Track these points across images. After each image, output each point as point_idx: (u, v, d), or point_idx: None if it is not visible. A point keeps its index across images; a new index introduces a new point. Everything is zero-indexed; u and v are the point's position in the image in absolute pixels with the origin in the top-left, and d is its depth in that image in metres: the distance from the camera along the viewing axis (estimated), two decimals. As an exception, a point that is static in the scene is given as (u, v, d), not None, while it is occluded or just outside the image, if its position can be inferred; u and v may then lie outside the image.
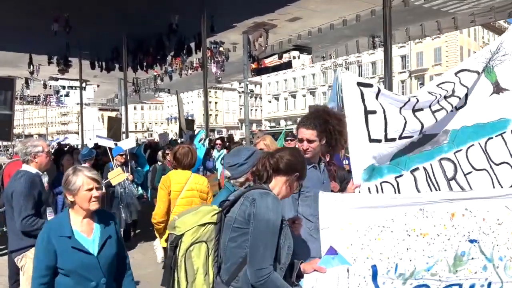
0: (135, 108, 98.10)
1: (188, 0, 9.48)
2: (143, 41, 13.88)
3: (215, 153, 8.28)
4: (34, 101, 29.41)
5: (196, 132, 9.40)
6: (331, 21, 12.46)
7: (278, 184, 2.35)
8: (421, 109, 2.67)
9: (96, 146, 11.57)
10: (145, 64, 15.75)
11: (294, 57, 17.01)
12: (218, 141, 8.50)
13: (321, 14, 12.10)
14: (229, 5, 10.36)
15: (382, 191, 2.63)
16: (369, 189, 2.63)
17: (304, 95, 66.93)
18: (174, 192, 4.24)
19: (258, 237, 2.11)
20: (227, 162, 2.86)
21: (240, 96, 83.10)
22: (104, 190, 5.65)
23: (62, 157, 6.84)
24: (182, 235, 2.29)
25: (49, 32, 10.90)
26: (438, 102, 2.67)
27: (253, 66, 18.13)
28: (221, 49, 15.63)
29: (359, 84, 2.78)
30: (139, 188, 8.05)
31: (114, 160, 7.19)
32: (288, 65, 17.97)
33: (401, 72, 52.60)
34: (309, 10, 11.78)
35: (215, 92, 75.63)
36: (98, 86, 24.45)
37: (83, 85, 19.75)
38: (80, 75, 16.95)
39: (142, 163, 8.77)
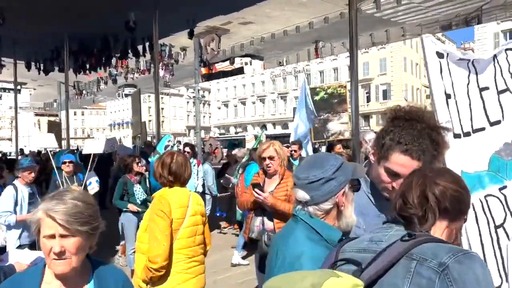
0: (75, 113, 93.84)
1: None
2: (86, 41, 13.18)
3: None
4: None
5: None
6: (284, 27, 12.53)
7: (438, 230, 1.35)
8: (487, 88, 2.14)
9: (38, 153, 10.75)
10: (88, 66, 15.03)
11: (246, 63, 16.98)
12: (187, 149, 7.51)
13: (275, 20, 12.14)
14: (181, 7, 10.09)
15: (489, 208, 2.03)
16: (472, 205, 1.95)
17: (253, 102, 67.36)
18: (176, 221, 2.92)
19: None
20: (302, 177, 1.66)
21: (187, 102, 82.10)
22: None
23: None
24: None
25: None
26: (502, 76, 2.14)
27: (204, 71, 17.87)
28: (171, 52, 15.23)
29: (437, 54, 2.19)
30: None
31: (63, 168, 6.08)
32: (240, 71, 17.89)
33: (348, 81, 54.30)
34: (263, 16, 11.78)
35: (162, 97, 74.17)
36: (34, 89, 23.03)
37: (18, 87, 18.46)
38: (14, 77, 15.81)
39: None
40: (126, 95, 21.68)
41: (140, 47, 13.33)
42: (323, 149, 8.18)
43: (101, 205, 10.43)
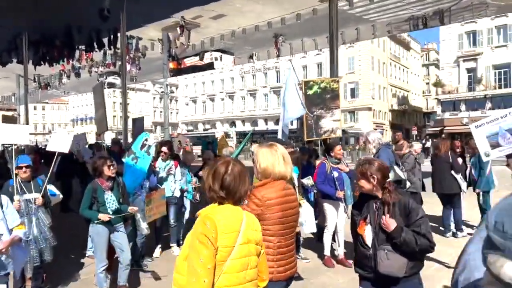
0: (35, 108, 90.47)
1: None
2: (48, 31, 12.59)
3: (158, 164, 6.73)
4: None
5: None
6: (256, 22, 12.40)
7: None
8: None
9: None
10: (48, 58, 14.38)
11: (216, 58, 16.75)
12: (164, 148, 6.83)
13: (246, 14, 11.99)
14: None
15: None
16: None
17: (222, 99, 66.98)
18: (223, 250, 2.23)
19: None
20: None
21: (154, 97, 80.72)
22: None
23: None
24: None
25: None
26: None
27: (172, 66, 17.51)
28: (138, 45, 14.80)
29: None
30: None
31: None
32: (209, 66, 17.64)
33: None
34: (235, 10, 11.62)
35: (127, 92, 72.57)
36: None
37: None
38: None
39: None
40: (110, 85, 20.58)
41: (105, 40, 12.88)
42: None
43: (63, 209, 9.91)
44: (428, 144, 31.74)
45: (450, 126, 42.29)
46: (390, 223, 2.76)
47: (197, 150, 27.50)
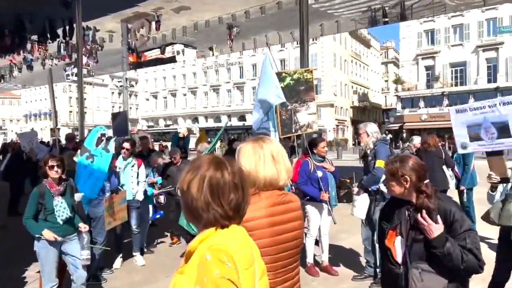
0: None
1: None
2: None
3: (118, 163, 5.97)
4: None
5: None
6: (220, 14, 12.20)
7: None
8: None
9: None
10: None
11: (178, 52, 16.38)
12: (126, 145, 6.11)
13: (209, 7, 11.76)
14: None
15: None
16: None
17: (184, 94, 66.06)
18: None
19: None
20: None
21: (112, 92, 78.52)
22: None
23: None
24: None
25: None
26: None
27: (132, 59, 17.01)
28: (95, 37, 14.24)
29: None
30: None
31: None
32: (171, 60, 17.25)
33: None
34: (197, 3, 11.35)
35: (84, 87, 70.23)
36: None
37: None
38: None
39: None
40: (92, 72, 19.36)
41: (59, 30, 12.29)
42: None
43: (11, 212, 9.30)
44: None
45: (409, 122, 43.67)
46: (433, 227, 2.24)
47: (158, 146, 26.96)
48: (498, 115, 3.50)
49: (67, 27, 12.11)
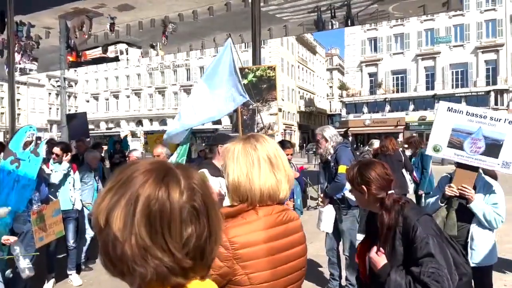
0: None
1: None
2: None
3: (52, 166, 5.41)
4: None
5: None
6: (166, 13, 11.86)
7: None
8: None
9: None
10: None
11: (121, 52, 15.75)
12: (56, 149, 5.45)
13: (155, 6, 11.39)
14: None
15: None
16: None
17: (128, 96, 64.14)
18: None
19: None
20: None
21: (49, 93, 74.66)
22: None
23: None
24: None
25: None
26: None
27: (71, 58, 16.16)
28: (30, 33, 13.35)
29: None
30: None
31: None
32: (115, 59, 16.59)
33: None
34: (142, 0, 10.96)
35: (18, 87, 66.15)
36: None
37: None
38: None
39: None
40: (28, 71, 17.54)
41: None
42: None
43: None
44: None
45: (354, 127, 45.16)
46: (376, 259, 2.07)
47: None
48: (497, 132, 3.13)
49: (-2, 21, 11.26)
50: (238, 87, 4.56)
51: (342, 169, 4.31)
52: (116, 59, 16.67)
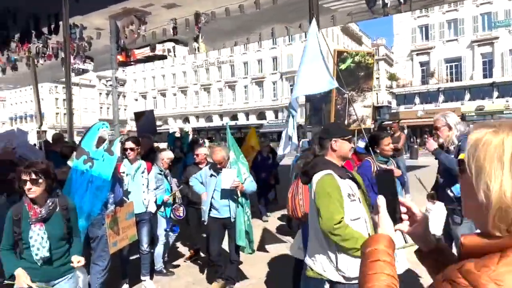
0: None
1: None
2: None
3: (124, 168, 5.05)
4: None
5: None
6: (213, 9, 11.95)
7: None
8: None
9: None
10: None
11: (169, 50, 16.09)
12: (129, 144, 5.05)
13: (201, 2, 11.52)
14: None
15: None
16: None
17: (174, 94, 65.63)
18: None
19: None
20: None
21: (100, 93, 77.78)
22: None
23: None
24: None
25: None
26: None
27: (121, 58, 16.69)
28: (83, 35, 13.92)
29: None
30: None
31: None
32: (162, 57, 16.99)
33: (272, 73, 55.11)
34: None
35: (71, 88, 69.47)
36: None
37: None
38: None
39: None
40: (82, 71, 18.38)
41: (44, 29, 11.97)
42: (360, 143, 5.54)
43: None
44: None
45: (405, 118, 43.74)
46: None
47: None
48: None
49: (53, 25, 11.80)
50: (326, 73, 4.24)
51: (463, 156, 3.83)
52: (163, 57, 17.06)
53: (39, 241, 2.92)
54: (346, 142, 3.04)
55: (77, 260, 3.04)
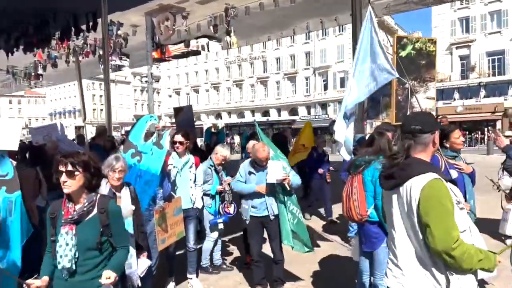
0: (10, 101, 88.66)
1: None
2: (19, 16, 11.90)
3: (172, 161, 4.90)
4: None
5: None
6: (247, 3, 11.93)
7: None
8: None
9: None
10: (22, 47, 13.68)
11: (203, 46, 16.19)
12: (178, 137, 4.99)
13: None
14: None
15: None
16: None
17: (207, 90, 66.20)
18: None
19: None
20: None
21: (135, 90, 79.49)
22: None
23: None
24: None
25: None
26: None
27: (156, 55, 16.93)
28: (119, 32, 14.19)
29: None
30: None
31: None
32: (196, 53, 17.14)
33: (305, 69, 54.65)
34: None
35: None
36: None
37: None
38: None
39: None
40: (119, 68, 18.85)
41: (82, 26, 12.25)
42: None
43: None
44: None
45: (443, 114, 42.37)
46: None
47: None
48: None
49: (91, 22, 12.07)
50: (385, 63, 3.98)
51: None
52: (197, 52, 17.19)
53: (63, 247, 2.44)
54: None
55: (107, 276, 2.42)
